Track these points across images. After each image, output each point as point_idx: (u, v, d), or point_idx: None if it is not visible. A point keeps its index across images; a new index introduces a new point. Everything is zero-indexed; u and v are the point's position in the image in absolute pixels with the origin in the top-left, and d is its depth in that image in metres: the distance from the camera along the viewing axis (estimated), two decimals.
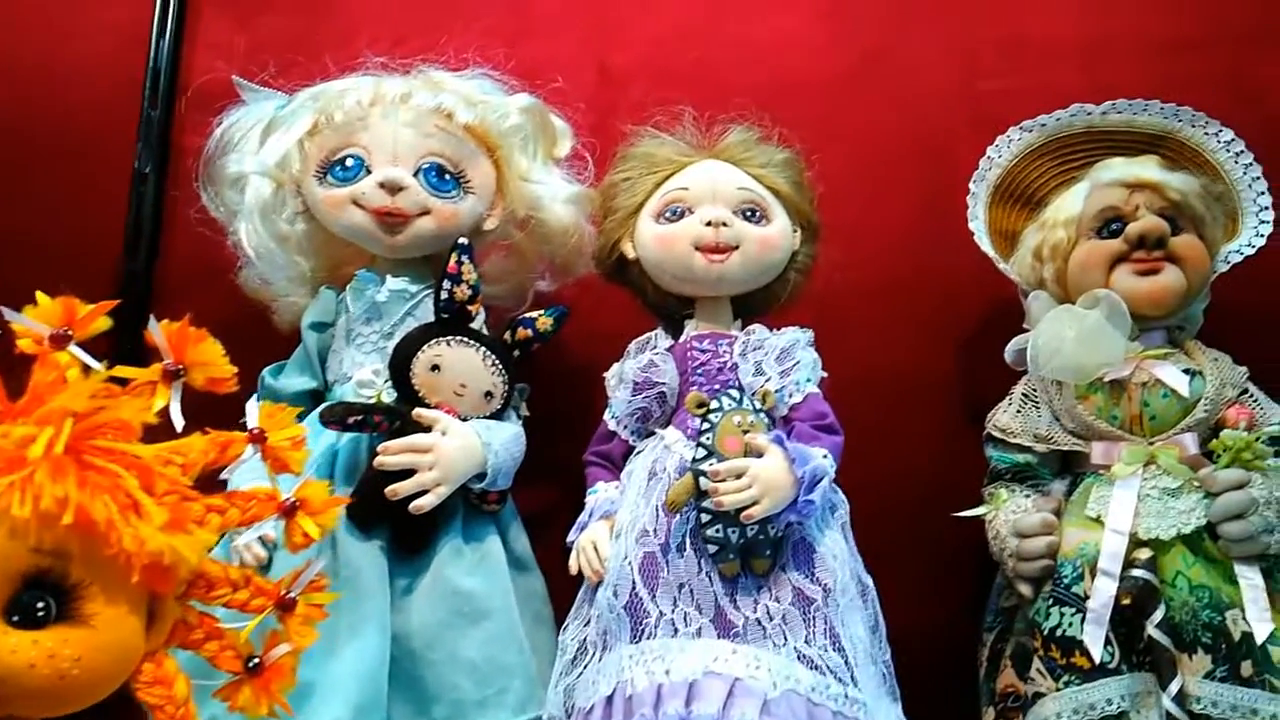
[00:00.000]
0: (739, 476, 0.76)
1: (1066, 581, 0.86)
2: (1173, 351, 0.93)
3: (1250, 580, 0.83)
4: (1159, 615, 0.83)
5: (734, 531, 0.77)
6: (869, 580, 0.84)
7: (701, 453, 0.79)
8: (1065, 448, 0.94)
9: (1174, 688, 0.81)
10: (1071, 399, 0.93)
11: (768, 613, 0.76)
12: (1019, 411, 0.98)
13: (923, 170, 1.19)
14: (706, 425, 0.80)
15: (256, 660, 0.62)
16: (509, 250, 1.02)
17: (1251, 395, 0.92)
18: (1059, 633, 0.85)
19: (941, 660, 1.05)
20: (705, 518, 0.78)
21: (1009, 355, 0.97)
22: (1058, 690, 0.83)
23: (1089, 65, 1.22)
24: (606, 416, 0.90)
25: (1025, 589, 0.90)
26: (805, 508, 0.76)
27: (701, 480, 0.77)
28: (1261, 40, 1.23)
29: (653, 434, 0.88)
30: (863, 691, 0.75)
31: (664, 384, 0.86)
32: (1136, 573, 0.84)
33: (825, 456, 0.80)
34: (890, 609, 1.07)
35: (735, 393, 0.83)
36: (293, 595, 0.64)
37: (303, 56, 1.09)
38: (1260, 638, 0.80)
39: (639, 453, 0.87)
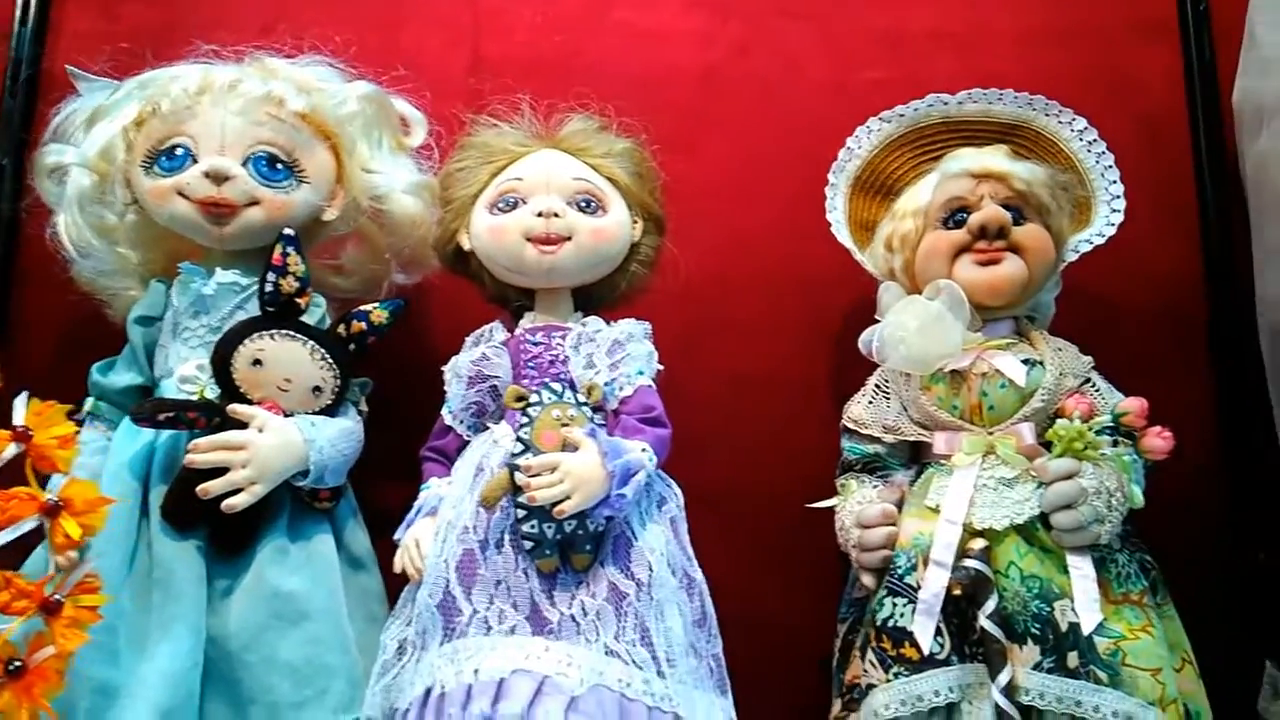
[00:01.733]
0: (552, 471, 0.75)
1: (900, 572, 0.86)
2: (1015, 341, 0.93)
3: (1081, 570, 0.83)
4: (991, 606, 0.82)
5: (550, 527, 0.76)
6: (697, 574, 0.83)
7: (519, 447, 0.78)
8: (911, 438, 0.94)
9: (1003, 679, 0.80)
10: (916, 389, 0.93)
11: (583, 608, 0.75)
12: (870, 402, 0.98)
13: (800, 162, 1.18)
14: (525, 419, 0.79)
15: (18, 663, 0.60)
16: (360, 241, 1.00)
17: (1094, 385, 0.92)
18: (890, 623, 0.84)
19: (810, 653, 1.05)
20: (521, 514, 0.76)
21: (861, 346, 0.97)
22: (887, 681, 0.82)
23: (967, 57, 1.22)
24: (443, 411, 0.89)
25: (868, 579, 0.90)
26: (617, 502, 0.75)
27: (516, 475, 0.76)
28: (1138, 33, 1.23)
29: (488, 429, 0.86)
30: (676, 684, 0.74)
31: (496, 377, 0.85)
32: (969, 563, 0.84)
33: (644, 450, 0.79)
34: (757, 602, 1.08)
35: (557, 386, 0.81)
36: (58, 598, 0.62)
37: (169, 45, 1.06)
38: (1087, 629, 0.80)
39: (470, 448, 0.85)
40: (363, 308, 0.90)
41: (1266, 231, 1.07)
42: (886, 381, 0.98)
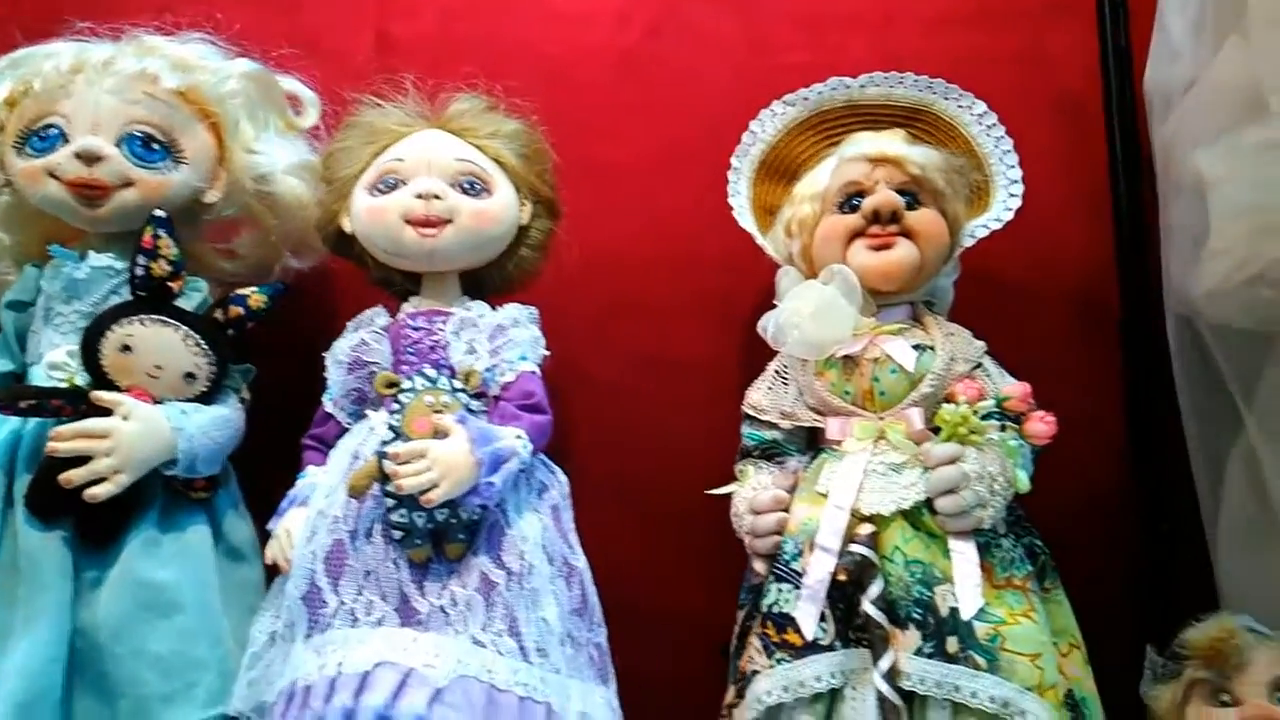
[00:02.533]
0: (420, 458, 0.74)
1: (786, 558, 0.86)
2: (908, 326, 0.93)
3: (963, 555, 0.82)
4: (875, 591, 0.82)
5: (420, 516, 0.75)
6: (578, 562, 0.82)
7: (390, 435, 0.76)
8: (806, 424, 0.93)
9: (884, 664, 0.80)
10: (811, 375, 0.93)
11: (453, 599, 0.74)
12: (770, 388, 0.97)
13: (714, 145, 1.16)
14: (397, 406, 0.77)
15: None
16: (251, 225, 0.98)
17: (985, 370, 0.92)
18: (774, 609, 0.84)
19: (714, 641, 1.04)
20: (390, 503, 0.75)
21: (760, 332, 0.96)
22: (770, 667, 0.82)
23: (883, 40, 1.21)
24: (324, 398, 0.87)
25: (760, 566, 0.89)
26: (487, 490, 0.74)
27: (385, 463, 0.75)
28: (1054, 16, 1.22)
29: (367, 416, 0.85)
30: (548, 673, 0.74)
31: (375, 363, 0.83)
32: (855, 548, 0.83)
33: (519, 437, 0.77)
34: (665, 588, 1.07)
35: (431, 371, 0.80)
36: None
37: (64, 25, 1.03)
38: (966, 614, 0.80)
39: (347, 436, 0.84)
40: (240, 292, 0.88)
41: (1171, 216, 1.07)
42: (786, 368, 0.97)
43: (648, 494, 1.09)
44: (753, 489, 0.92)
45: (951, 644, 0.79)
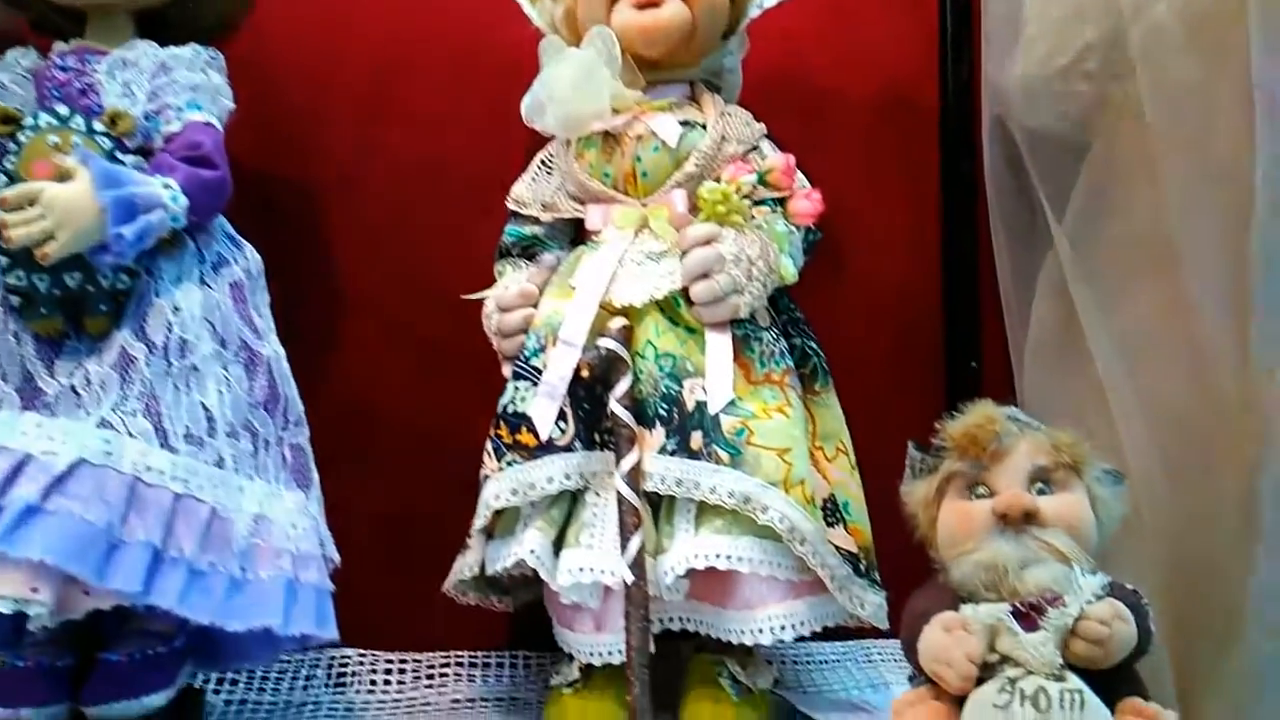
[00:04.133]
0: (32, 204, 0.60)
1: (528, 354, 0.76)
2: (679, 103, 0.82)
3: (716, 346, 0.75)
4: (623, 388, 0.74)
5: (42, 280, 0.62)
6: (266, 349, 0.70)
7: (2, 180, 0.63)
8: (566, 215, 0.83)
9: (626, 465, 0.72)
10: (571, 158, 0.82)
11: (86, 378, 0.62)
12: (533, 180, 0.86)
13: None
14: (14, 147, 0.63)
15: None
16: None
17: (761, 153, 0.82)
18: (509, 409, 0.75)
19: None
20: (4, 262, 0.62)
21: (523, 113, 0.84)
22: (500, 470, 0.74)
23: None
24: None
25: (508, 370, 0.80)
26: (117, 244, 0.61)
27: None
28: None
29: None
30: (200, 464, 0.63)
31: (18, 110, 0.68)
32: (603, 343, 0.74)
33: (168, 187, 0.64)
34: (427, 406, 0.98)
35: (62, 108, 0.65)
36: None
37: None
38: (714, 407, 0.72)
39: None
40: None
41: (991, 6, 0.98)
42: (551, 156, 0.86)
43: (414, 308, 0.98)
44: (504, 287, 0.82)
45: (696, 439, 0.72)
